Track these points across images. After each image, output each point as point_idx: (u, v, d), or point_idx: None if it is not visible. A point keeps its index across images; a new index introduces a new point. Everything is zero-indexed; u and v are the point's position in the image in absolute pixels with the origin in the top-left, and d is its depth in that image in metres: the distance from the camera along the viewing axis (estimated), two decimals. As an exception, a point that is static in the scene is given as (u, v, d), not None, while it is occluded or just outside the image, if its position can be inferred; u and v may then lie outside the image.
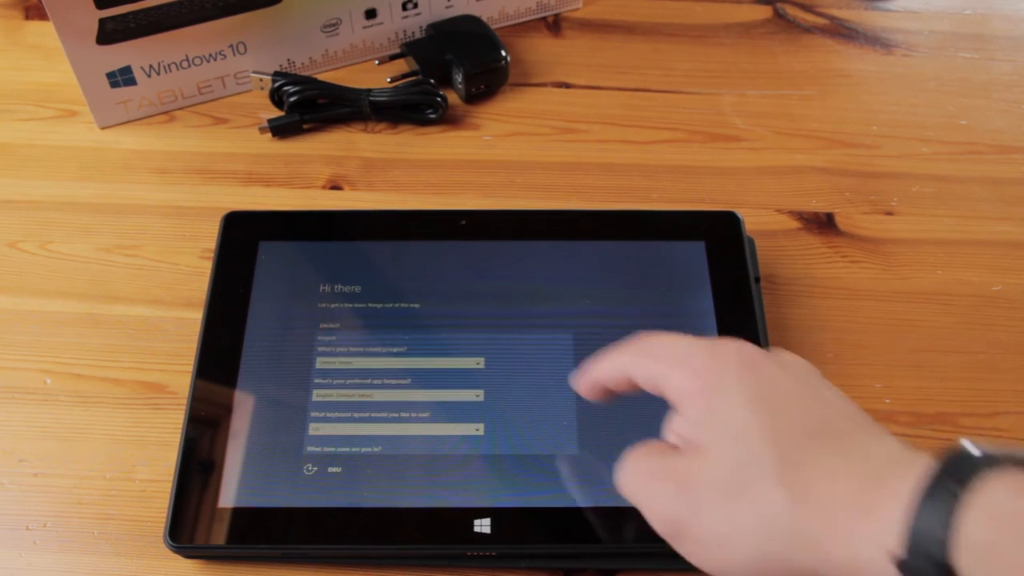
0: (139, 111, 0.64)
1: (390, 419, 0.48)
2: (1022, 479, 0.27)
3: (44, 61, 0.68)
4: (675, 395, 0.36)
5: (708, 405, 0.34)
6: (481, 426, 0.48)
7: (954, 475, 0.27)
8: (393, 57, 0.68)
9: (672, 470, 0.34)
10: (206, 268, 0.54)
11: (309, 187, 0.61)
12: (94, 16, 0.58)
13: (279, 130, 0.63)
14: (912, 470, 0.29)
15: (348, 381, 0.49)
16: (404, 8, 0.67)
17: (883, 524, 0.28)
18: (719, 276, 0.53)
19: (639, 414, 0.48)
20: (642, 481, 0.35)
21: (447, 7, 0.68)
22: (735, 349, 0.35)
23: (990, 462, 0.28)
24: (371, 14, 0.66)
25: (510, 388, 0.49)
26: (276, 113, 0.64)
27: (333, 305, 0.52)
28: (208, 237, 0.56)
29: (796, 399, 0.34)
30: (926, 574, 0.27)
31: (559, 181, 0.61)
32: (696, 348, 0.36)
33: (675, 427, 0.36)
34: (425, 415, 0.48)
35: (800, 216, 0.60)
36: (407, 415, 0.48)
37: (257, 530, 0.45)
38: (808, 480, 0.31)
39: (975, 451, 0.28)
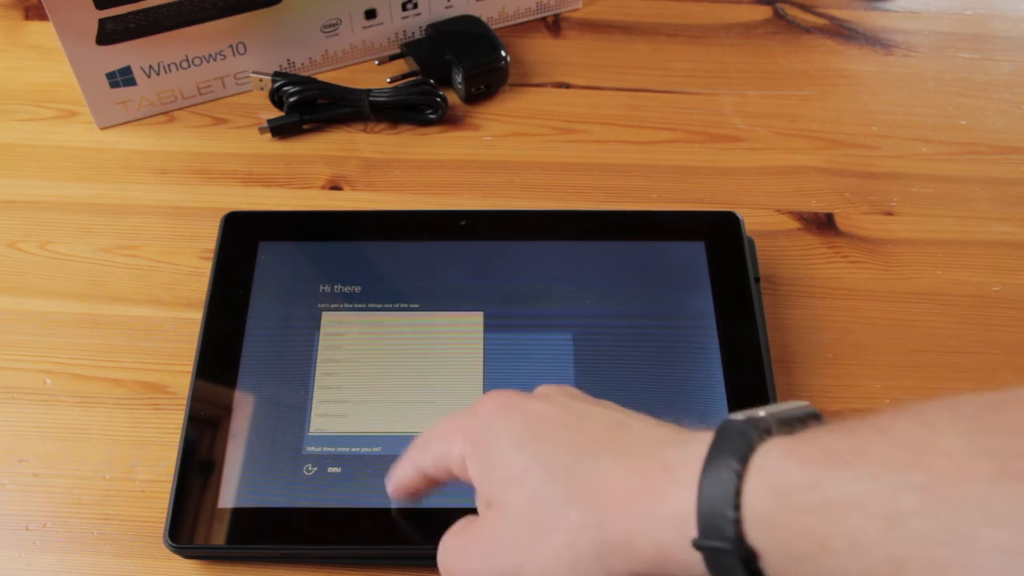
0: (139, 111, 0.64)
1: (390, 419, 0.48)
2: (791, 444, 0.27)
3: (44, 61, 0.68)
4: (459, 466, 0.36)
5: (485, 461, 0.35)
6: (481, 426, 0.48)
7: (730, 450, 0.28)
8: (393, 57, 0.68)
9: (478, 536, 0.35)
10: (206, 268, 0.54)
11: (309, 187, 0.61)
12: (94, 16, 0.58)
13: (279, 130, 0.63)
14: (690, 451, 0.29)
15: (348, 381, 0.49)
16: (404, 8, 0.67)
17: (675, 509, 0.29)
18: (719, 276, 0.53)
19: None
20: (456, 557, 0.36)
21: (447, 7, 0.68)
22: (492, 400, 0.36)
23: (760, 430, 0.28)
24: (371, 14, 0.66)
25: (510, 388, 0.49)
26: (276, 113, 0.64)
27: (333, 305, 0.52)
28: (208, 237, 0.56)
29: (560, 424, 0.34)
30: (725, 552, 0.27)
31: (559, 181, 0.61)
32: (460, 417, 0.37)
33: (476, 496, 0.36)
34: (425, 415, 0.48)
35: (800, 216, 0.60)
36: (407, 415, 0.48)
37: (257, 530, 0.45)
38: (594, 491, 0.32)
39: (745, 421, 0.29)
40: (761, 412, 0.29)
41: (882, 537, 0.23)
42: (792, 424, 0.29)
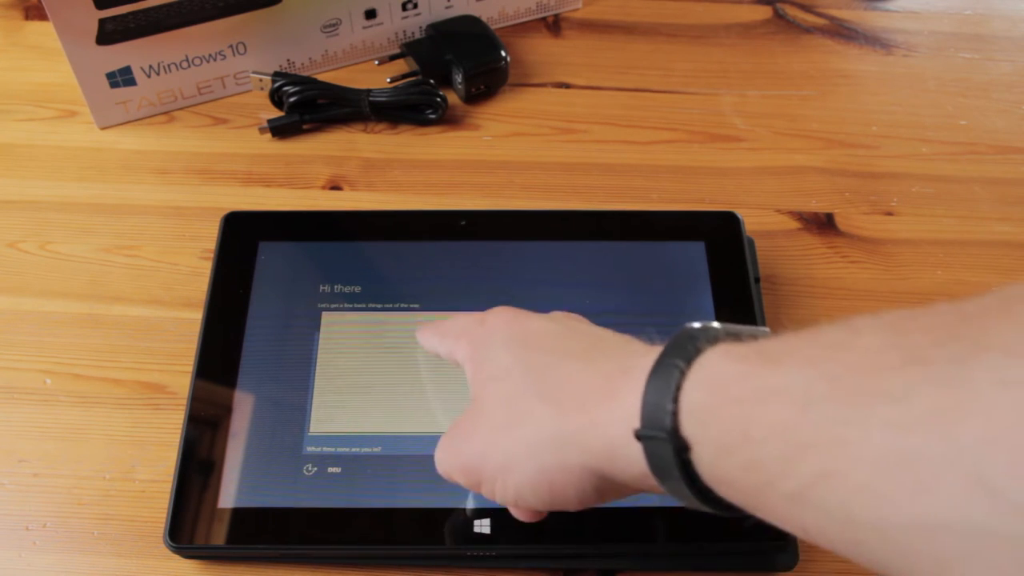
0: (139, 111, 0.64)
1: (390, 419, 0.48)
2: (733, 347, 0.29)
3: (44, 61, 0.68)
4: (462, 363, 0.40)
5: (479, 362, 0.38)
6: (481, 426, 0.48)
7: (679, 353, 0.29)
8: (393, 57, 0.68)
9: (461, 429, 0.38)
10: (206, 268, 0.54)
11: (309, 187, 0.61)
12: (94, 16, 0.58)
13: (279, 130, 0.63)
14: (650, 357, 0.31)
15: (348, 381, 0.49)
16: (404, 8, 0.67)
17: (624, 405, 0.31)
18: (719, 276, 0.53)
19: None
20: (441, 451, 0.39)
21: (447, 7, 0.68)
22: (497, 313, 0.40)
23: (710, 338, 0.30)
24: (371, 14, 0.66)
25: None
26: (276, 113, 0.64)
27: (333, 305, 0.52)
28: (208, 237, 0.56)
29: (553, 335, 0.37)
30: (659, 441, 0.29)
31: (559, 181, 0.61)
32: (469, 321, 0.41)
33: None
34: (425, 415, 0.48)
35: (800, 216, 0.60)
36: (407, 415, 0.48)
37: (257, 530, 0.45)
38: (561, 390, 0.34)
39: (700, 328, 0.31)
40: (716, 324, 0.31)
41: (795, 421, 0.25)
42: (741, 336, 0.30)
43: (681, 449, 0.28)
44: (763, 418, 0.26)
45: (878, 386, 0.23)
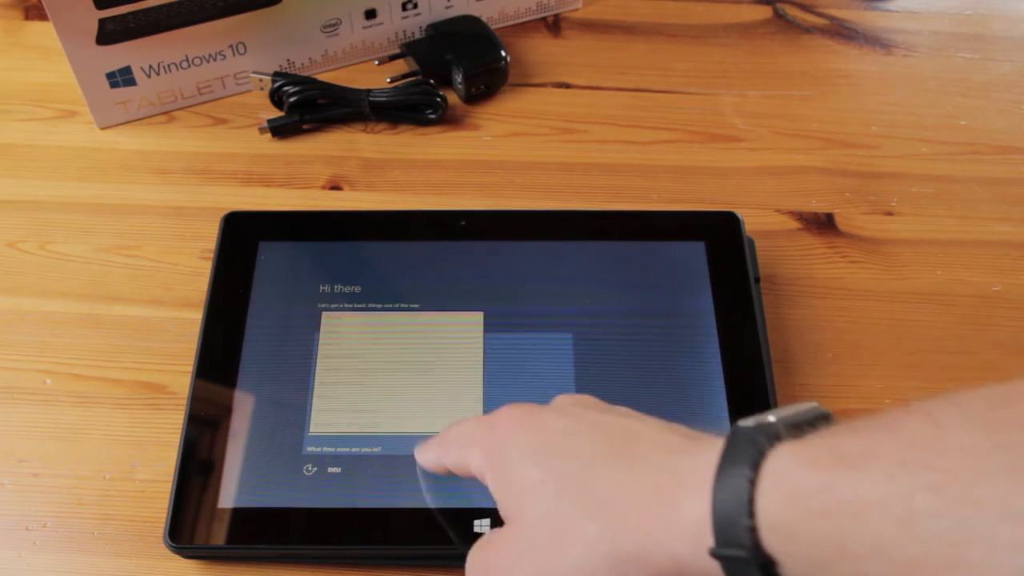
0: (139, 111, 0.64)
1: (390, 419, 0.48)
2: (802, 451, 0.27)
3: (44, 61, 0.68)
4: (479, 476, 0.37)
5: (501, 476, 0.36)
6: (481, 426, 0.48)
7: (742, 459, 0.28)
8: (393, 57, 0.68)
9: (499, 550, 0.35)
10: (206, 268, 0.54)
11: (309, 187, 0.61)
12: (94, 16, 0.58)
13: (279, 130, 0.63)
14: (701, 458, 0.29)
15: (348, 381, 0.49)
16: (404, 8, 0.67)
17: (689, 519, 0.29)
18: (719, 276, 0.53)
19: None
20: (478, 572, 0.36)
21: (447, 7, 0.68)
22: (507, 414, 0.37)
23: (770, 436, 0.28)
24: (371, 14, 0.66)
25: (510, 388, 0.49)
26: (276, 113, 0.64)
27: (333, 305, 0.52)
28: (208, 237, 0.56)
29: (573, 435, 0.35)
30: (742, 561, 0.27)
31: (559, 181, 0.61)
32: (478, 427, 0.38)
33: (498, 509, 0.37)
34: (425, 415, 0.48)
35: (800, 216, 0.60)
36: (407, 415, 0.48)
37: (257, 530, 0.45)
38: (607, 503, 0.32)
39: (755, 427, 0.29)
40: (771, 417, 0.29)
41: (900, 538, 0.23)
42: (802, 427, 0.29)
43: (766, 565, 0.27)
44: (861, 534, 0.24)
45: (992, 499, 0.22)
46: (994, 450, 0.22)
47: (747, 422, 0.29)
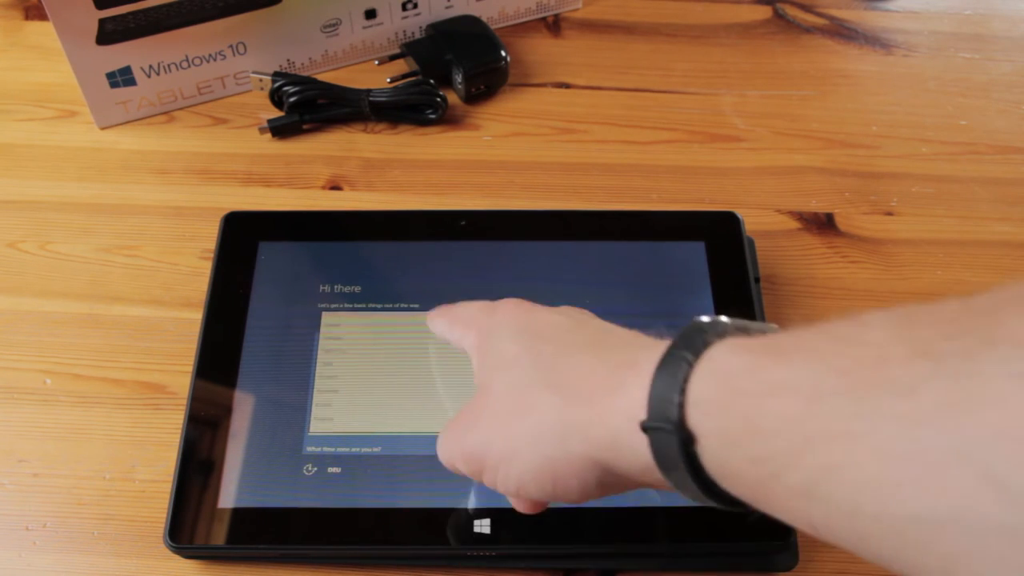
0: (139, 111, 0.64)
1: (390, 419, 0.48)
2: (740, 342, 0.29)
3: (44, 61, 0.68)
4: (470, 353, 0.40)
5: (486, 351, 0.38)
6: (481, 426, 0.48)
7: (687, 346, 0.29)
8: (393, 57, 0.68)
9: (465, 417, 0.38)
10: (206, 268, 0.54)
11: (309, 187, 0.61)
12: (94, 16, 0.58)
13: (279, 130, 0.63)
14: (657, 350, 0.31)
15: (348, 381, 0.49)
16: (404, 8, 0.67)
17: (630, 397, 0.31)
18: (719, 276, 0.53)
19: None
20: (444, 438, 0.39)
21: (447, 7, 0.68)
22: (508, 303, 0.40)
23: (719, 332, 0.30)
24: (371, 14, 0.66)
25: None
26: (276, 113, 0.64)
27: (333, 305, 0.52)
28: (208, 237, 0.56)
29: (561, 327, 0.37)
30: (665, 433, 0.29)
31: (559, 181, 0.61)
32: (480, 311, 0.41)
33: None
34: (425, 415, 0.48)
35: (800, 216, 0.60)
36: (407, 415, 0.48)
37: (257, 530, 0.45)
38: (567, 381, 0.34)
39: (709, 322, 0.30)
40: (724, 319, 0.31)
41: (803, 414, 0.25)
42: (750, 331, 0.30)
43: (687, 441, 0.28)
44: (771, 411, 0.26)
45: (886, 379, 0.23)
46: (900, 341, 0.24)
47: (702, 318, 0.31)
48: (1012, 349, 0.21)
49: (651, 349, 0.32)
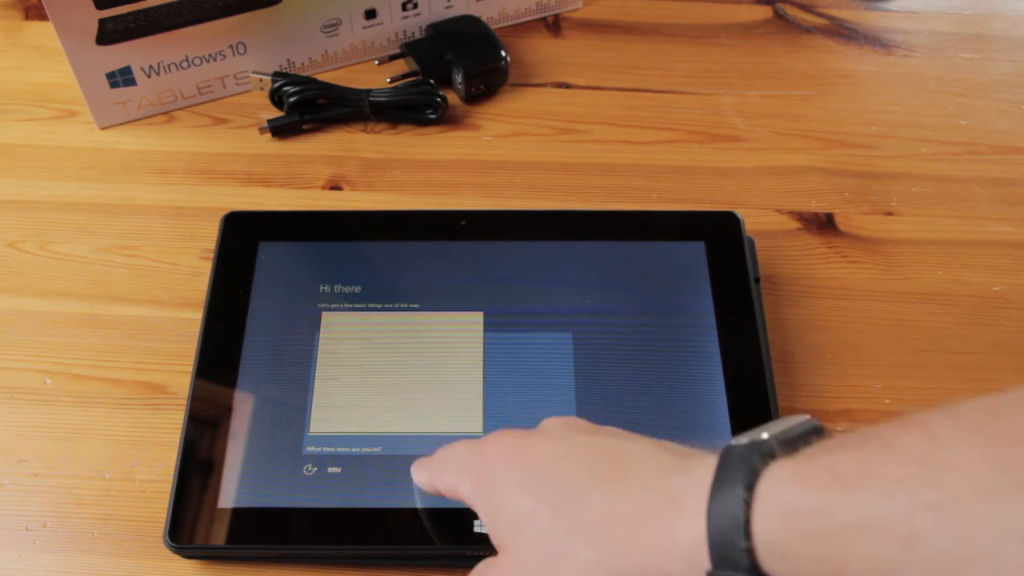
0: (139, 111, 0.64)
1: (390, 419, 0.48)
2: (797, 469, 0.27)
3: (44, 61, 0.68)
4: (469, 503, 0.38)
5: (492, 506, 0.36)
6: (481, 426, 0.48)
7: (736, 478, 0.27)
8: (393, 57, 0.68)
9: None
10: (206, 268, 0.54)
11: (309, 187, 0.61)
12: (94, 16, 0.58)
13: (279, 130, 0.63)
14: (693, 478, 0.29)
15: (348, 381, 0.49)
16: (404, 8, 0.67)
17: (683, 542, 0.28)
18: (719, 276, 0.53)
19: (640, 415, 0.48)
20: None
21: (447, 7, 0.68)
22: (496, 441, 0.37)
23: (763, 454, 0.28)
24: (371, 14, 0.66)
25: (510, 388, 0.49)
26: (276, 113, 0.64)
27: (333, 305, 0.52)
28: (208, 237, 0.56)
29: (563, 459, 0.34)
30: None
31: (559, 181, 0.61)
32: (468, 453, 0.38)
33: (490, 537, 0.37)
34: (425, 415, 0.48)
35: (800, 216, 0.60)
36: (407, 415, 0.48)
37: (257, 530, 0.45)
38: (601, 526, 0.32)
39: (748, 445, 0.28)
40: (764, 434, 0.29)
41: (901, 559, 0.23)
42: (795, 444, 0.28)
43: None
44: (862, 554, 0.24)
45: (994, 517, 0.21)
46: (994, 466, 0.22)
47: (740, 440, 0.29)
48: None
49: (684, 476, 0.29)
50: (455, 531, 0.45)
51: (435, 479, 0.40)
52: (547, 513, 0.33)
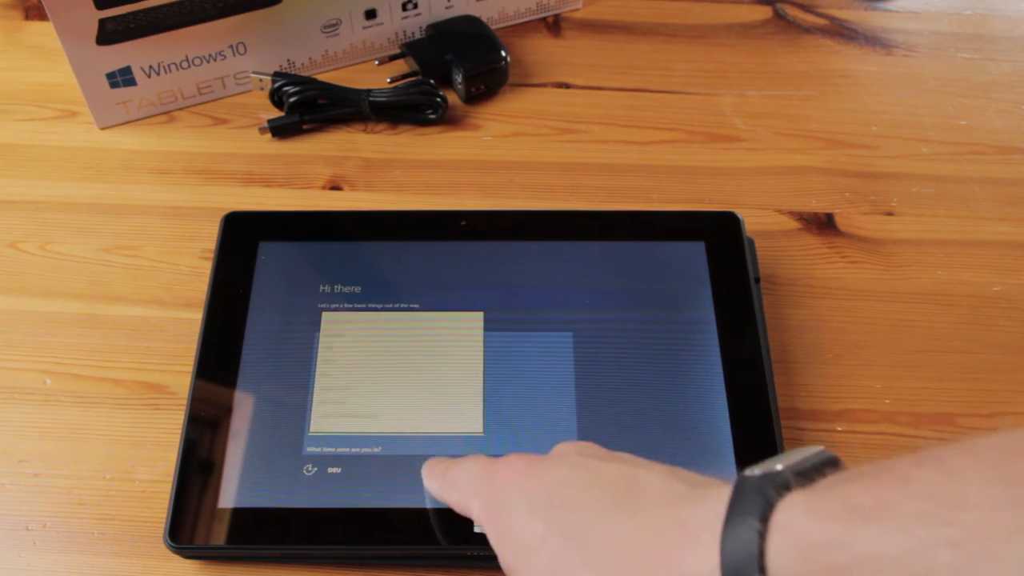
0: (139, 111, 0.64)
1: (390, 419, 0.48)
2: (813, 502, 0.26)
3: (44, 61, 0.68)
4: (477, 522, 0.38)
5: (501, 530, 0.35)
6: (481, 426, 0.48)
7: (750, 509, 0.27)
8: (393, 57, 0.68)
9: None
10: (206, 268, 0.54)
11: (309, 187, 0.61)
12: (94, 16, 0.58)
13: (279, 130, 0.63)
14: (706, 509, 0.28)
15: (348, 381, 0.49)
16: (404, 8, 0.67)
17: (697, 573, 0.28)
18: (719, 276, 0.53)
19: (640, 416, 0.48)
20: None
21: (447, 7, 0.68)
22: (507, 465, 0.37)
23: (778, 485, 0.27)
24: (371, 14, 0.66)
25: (510, 388, 0.49)
26: (276, 113, 0.64)
27: (333, 305, 0.52)
28: (208, 237, 0.56)
29: (574, 486, 0.34)
30: None
31: (559, 181, 0.61)
32: (479, 476, 0.38)
33: (499, 559, 0.37)
34: (425, 415, 0.48)
35: (800, 216, 0.60)
36: (407, 415, 0.48)
37: (257, 530, 0.45)
38: (611, 555, 0.31)
39: (762, 476, 0.28)
40: (778, 465, 0.29)
41: None
42: (810, 475, 0.28)
43: None
44: None
45: (1013, 556, 0.21)
46: (1012, 505, 0.22)
47: (753, 471, 0.29)
48: None
49: (699, 508, 0.29)
50: (455, 531, 0.45)
51: (445, 495, 0.40)
52: (557, 540, 0.33)
